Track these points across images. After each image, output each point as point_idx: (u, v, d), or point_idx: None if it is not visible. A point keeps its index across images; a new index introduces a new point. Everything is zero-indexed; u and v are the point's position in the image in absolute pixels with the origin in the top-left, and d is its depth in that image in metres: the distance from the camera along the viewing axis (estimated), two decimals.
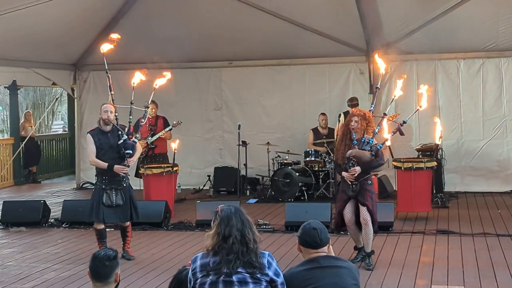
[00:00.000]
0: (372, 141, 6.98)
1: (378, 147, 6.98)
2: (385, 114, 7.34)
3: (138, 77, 7.69)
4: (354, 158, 6.94)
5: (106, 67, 7.61)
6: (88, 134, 7.54)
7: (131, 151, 7.36)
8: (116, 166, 7.34)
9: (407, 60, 12.33)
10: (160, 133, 11.28)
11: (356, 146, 6.98)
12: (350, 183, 7.01)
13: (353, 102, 11.33)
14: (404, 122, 7.15)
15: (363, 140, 6.97)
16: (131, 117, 7.61)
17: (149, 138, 11.22)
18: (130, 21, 12.12)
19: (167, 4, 11.72)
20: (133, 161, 7.47)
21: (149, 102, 8.26)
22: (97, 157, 7.42)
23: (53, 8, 10.48)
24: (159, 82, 7.97)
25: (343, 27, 11.93)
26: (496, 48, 11.89)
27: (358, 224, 7.10)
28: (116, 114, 7.42)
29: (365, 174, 7.03)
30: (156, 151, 11.35)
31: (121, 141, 7.36)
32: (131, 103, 7.58)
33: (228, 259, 3.48)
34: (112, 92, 7.59)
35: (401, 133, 7.17)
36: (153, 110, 11.13)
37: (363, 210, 6.98)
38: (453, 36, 11.78)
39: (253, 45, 12.59)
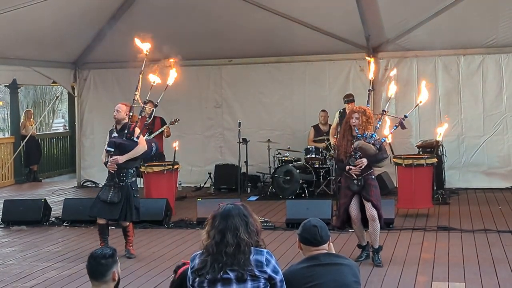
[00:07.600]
0: (375, 136, 7.04)
1: (382, 141, 7.05)
2: (384, 111, 7.44)
3: (153, 79, 7.74)
4: (360, 150, 6.95)
5: (142, 68, 7.72)
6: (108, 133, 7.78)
7: (111, 149, 7.44)
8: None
9: (407, 57, 12.32)
10: (158, 131, 11.21)
11: (362, 139, 6.99)
12: (354, 178, 6.99)
13: (349, 98, 11.09)
14: (405, 117, 7.31)
15: (365, 135, 7.00)
16: (140, 116, 7.75)
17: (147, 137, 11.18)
18: (129, 19, 12.10)
19: (166, 2, 11.69)
20: (117, 159, 7.42)
21: (159, 100, 8.30)
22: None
23: (53, 6, 10.46)
24: (170, 78, 7.91)
25: (343, 24, 11.91)
26: (496, 44, 11.87)
27: (362, 220, 7.10)
28: (131, 113, 7.51)
29: (368, 168, 7.05)
30: None
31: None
32: (145, 103, 7.63)
33: (222, 258, 3.47)
34: (136, 92, 7.67)
35: (403, 127, 7.30)
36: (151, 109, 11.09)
37: (369, 206, 6.98)
38: (453, 32, 11.77)
39: (252, 43, 12.56)
